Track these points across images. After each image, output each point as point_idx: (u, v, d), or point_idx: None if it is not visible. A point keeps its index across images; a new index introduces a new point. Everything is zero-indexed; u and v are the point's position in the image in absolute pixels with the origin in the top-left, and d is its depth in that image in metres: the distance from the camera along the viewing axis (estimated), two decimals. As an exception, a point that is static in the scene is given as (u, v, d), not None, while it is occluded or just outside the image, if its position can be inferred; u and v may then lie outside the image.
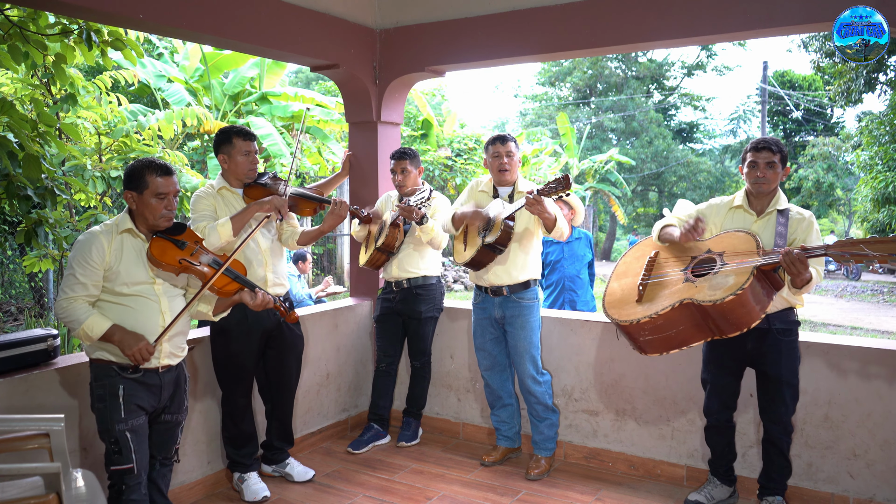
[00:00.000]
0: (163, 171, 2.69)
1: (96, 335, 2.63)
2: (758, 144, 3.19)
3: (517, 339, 3.89)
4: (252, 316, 3.49)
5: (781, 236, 3.08)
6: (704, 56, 30.22)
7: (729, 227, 3.24)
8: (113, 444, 2.67)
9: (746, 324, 2.92)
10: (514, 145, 3.87)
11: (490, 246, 3.72)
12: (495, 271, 3.85)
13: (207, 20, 3.61)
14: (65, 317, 2.63)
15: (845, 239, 2.84)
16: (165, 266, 2.71)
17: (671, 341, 3.09)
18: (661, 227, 3.36)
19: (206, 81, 11.16)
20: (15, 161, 3.72)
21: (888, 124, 14.15)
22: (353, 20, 4.47)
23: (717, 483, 3.50)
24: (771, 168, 3.16)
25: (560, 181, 3.37)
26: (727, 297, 2.84)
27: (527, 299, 3.88)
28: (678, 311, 3.01)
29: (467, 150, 16.41)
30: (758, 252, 2.95)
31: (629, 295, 3.25)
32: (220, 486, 3.76)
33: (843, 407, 3.42)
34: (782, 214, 3.17)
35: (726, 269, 2.97)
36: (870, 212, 14.85)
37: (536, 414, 3.95)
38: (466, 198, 4.04)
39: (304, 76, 24.98)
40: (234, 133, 3.47)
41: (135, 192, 2.69)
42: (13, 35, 3.87)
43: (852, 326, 12.10)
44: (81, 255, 2.64)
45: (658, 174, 28.07)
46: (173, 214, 2.76)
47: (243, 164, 3.48)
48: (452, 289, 15.07)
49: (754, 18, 3.51)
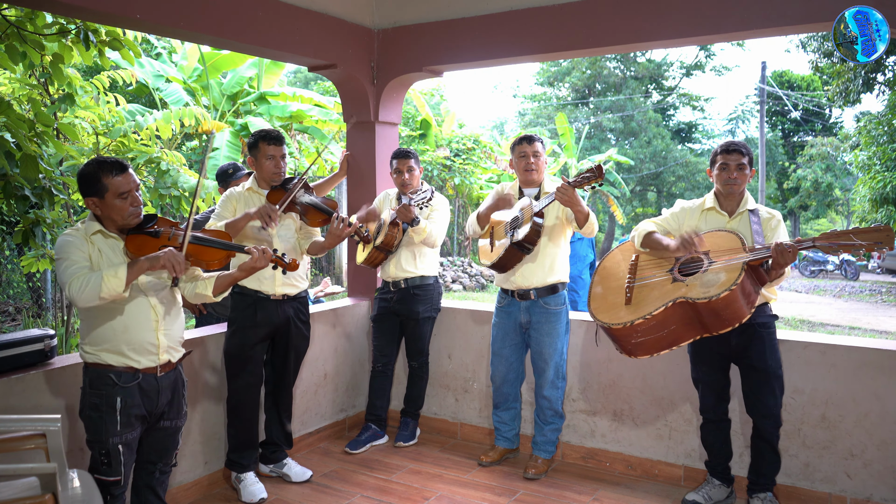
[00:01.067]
0: (118, 169, 2.58)
1: (122, 276, 2.48)
2: (728, 147, 3.29)
3: (542, 346, 3.84)
4: (263, 310, 3.61)
5: (759, 234, 3.16)
6: (703, 56, 30.24)
7: (703, 228, 3.30)
8: (103, 456, 2.61)
9: (738, 319, 2.98)
10: (541, 146, 3.84)
11: (518, 244, 3.65)
12: (522, 272, 3.80)
13: (205, 20, 3.61)
14: (82, 292, 2.47)
15: (829, 231, 2.90)
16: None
17: (662, 342, 3.13)
18: (645, 233, 3.34)
19: (204, 81, 11.15)
20: (12, 161, 3.71)
21: (886, 124, 14.17)
22: (350, 20, 4.47)
23: (716, 483, 3.50)
24: (741, 170, 3.27)
25: (593, 171, 3.30)
26: (722, 293, 2.90)
27: (554, 305, 3.83)
28: (671, 311, 3.05)
29: (466, 151, 16.42)
30: (744, 249, 3.02)
31: (616, 298, 3.27)
32: (217, 486, 3.76)
33: (840, 407, 3.42)
34: (754, 214, 3.27)
35: (715, 266, 3.02)
36: (868, 212, 14.87)
37: (545, 417, 3.94)
38: (491, 203, 4.01)
39: (302, 76, 24.98)
40: (261, 137, 3.60)
41: (95, 197, 2.58)
42: (11, 35, 3.86)
43: (850, 326, 12.12)
44: (64, 250, 2.56)
45: (657, 174, 28.08)
46: (140, 210, 2.67)
47: (267, 167, 3.59)
48: (451, 289, 15.07)
49: (752, 19, 3.52)
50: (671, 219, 3.43)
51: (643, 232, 3.36)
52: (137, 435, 2.71)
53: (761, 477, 3.37)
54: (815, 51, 15.81)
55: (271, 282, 3.61)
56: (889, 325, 12.34)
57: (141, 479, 2.85)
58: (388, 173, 4.57)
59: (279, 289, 3.64)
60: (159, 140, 8.55)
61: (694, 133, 32.56)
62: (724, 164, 3.27)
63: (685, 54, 30.63)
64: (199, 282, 2.87)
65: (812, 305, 14.22)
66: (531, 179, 3.85)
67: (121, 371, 2.64)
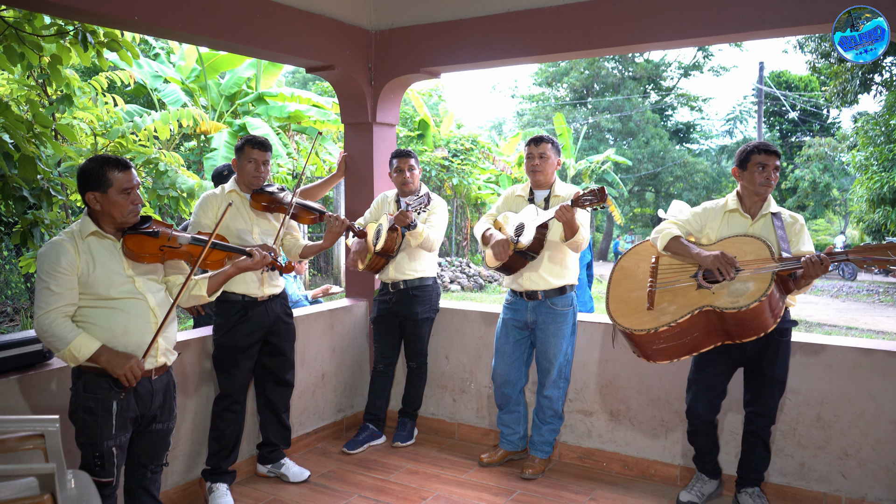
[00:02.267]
0: (122, 166, 2.59)
1: (83, 357, 2.52)
2: (767, 147, 3.20)
3: (548, 346, 3.84)
4: (253, 313, 3.59)
5: (784, 240, 3.09)
6: (701, 57, 30.27)
7: (726, 231, 3.23)
8: (97, 458, 2.62)
9: (763, 329, 2.93)
10: (551, 148, 3.83)
11: (522, 252, 3.69)
12: (529, 276, 3.81)
13: (202, 22, 3.62)
14: (46, 335, 2.49)
15: (864, 244, 2.83)
16: (148, 258, 2.64)
17: (683, 348, 3.09)
18: (671, 237, 3.25)
19: (202, 82, 11.16)
20: (10, 162, 3.72)
21: (884, 125, 14.20)
22: (348, 21, 4.48)
23: (706, 479, 3.52)
24: (776, 171, 3.20)
25: (595, 193, 3.32)
26: (752, 304, 2.84)
27: (561, 306, 3.83)
28: (696, 318, 3.00)
29: (464, 151, 16.43)
30: (772, 258, 2.95)
31: (637, 302, 3.20)
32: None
33: (835, 407, 3.44)
34: (777, 217, 3.19)
35: (744, 275, 2.95)
36: (865, 212, 14.92)
37: (543, 417, 3.95)
38: (502, 205, 4.01)
39: (300, 76, 24.97)
40: (246, 142, 3.61)
41: (98, 191, 2.57)
42: (9, 36, 3.87)
43: (847, 326, 12.14)
44: (49, 266, 2.52)
45: (655, 174, 28.11)
46: (140, 209, 2.67)
47: (248, 171, 3.59)
48: (449, 289, 15.07)
49: (750, 20, 3.52)
50: (693, 220, 3.33)
51: (668, 235, 3.26)
52: (129, 436, 2.72)
53: (751, 472, 3.39)
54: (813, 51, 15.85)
55: (258, 284, 3.61)
56: (886, 326, 12.37)
57: (134, 480, 2.86)
58: (386, 175, 4.58)
59: (267, 290, 3.65)
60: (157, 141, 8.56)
61: (692, 133, 32.58)
62: (763, 164, 3.17)
63: (683, 55, 30.68)
64: (191, 283, 2.86)
65: (809, 305, 14.24)
66: (537, 181, 3.86)
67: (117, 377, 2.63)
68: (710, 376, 3.34)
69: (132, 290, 2.64)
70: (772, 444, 3.46)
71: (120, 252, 2.65)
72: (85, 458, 2.65)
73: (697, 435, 3.44)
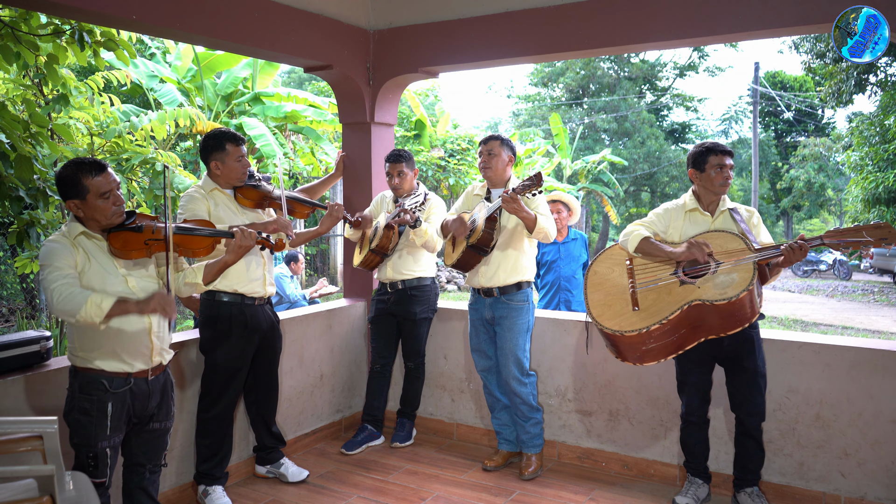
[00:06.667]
0: (97, 169, 2.54)
1: (106, 307, 2.45)
2: (723, 149, 3.33)
3: (504, 340, 3.88)
4: (251, 318, 3.52)
5: (749, 232, 3.19)
6: (696, 57, 30.36)
7: (689, 230, 3.31)
8: (90, 459, 2.61)
9: (749, 319, 3.00)
10: (500, 145, 3.83)
11: (473, 247, 3.73)
12: (483, 272, 3.85)
13: (200, 21, 3.60)
14: (64, 307, 2.45)
15: (836, 228, 2.96)
16: (134, 254, 2.62)
17: (670, 347, 3.12)
18: (641, 239, 3.29)
19: (198, 82, 11.13)
20: (7, 162, 3.70)
21: (878, 125, 14.26)
22: (346, 21, 4.47)
23: (699, 483, 3.54)
24: (731, 170, 3.34)
25: (532, 178, 3.40)
26: (740, 294, 2.91)
27: (516, 301, 3.87)
28: (685, 314, 3.04)
29: (460, 151, 16.42)
30: (749, 248, 3.04)
31: (621, 305, 3.22)
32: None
33: (834, 406, 3.44)
34: (735, 212, 3.29)
35: (725, 267, 3.02)
36: (860, 212, 14.95)
37: (522, 414, 3.95)
38: (462, 203, 4.05)
39: (296, 76, 24.95)
40: (227, 139, 3.45)
41: (76, 199, 2.54)
42: (5, 35, 3.85)
43: (843, 326, 12.18)
44: (51, 256, 2.51)
45: (650, 174, 28.18)
46: (123, 208, 2.64)
47: (237, 169, 3.48)
48: (446, 289, 15.08)
49: (746, 20, 3.53)
50: (658, 221, 3.41)
51: (638, 236, 3.31)
52: (123, 436, 2.72)
53: (748, 473, 3.41)
54: (808, 52, 15.91)
55: (261, 282, 3.53)
56: (881, 325, 12.41)
57: (132, 480, 2.85)
58: (384, 174, 4.57)
59: (269, 288, 3.59)
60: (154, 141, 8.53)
61: (687, 133, 32.67)
62: (720, 164, 3.29)
63: (679, 55, 30.76)
64: (188, 271, 2.84)
65: (805, 305, 14.29)
66: (489, 178, 3.88)
67: (113, 376, 2.63)
68: (695, 374, 3.41)
69: (126, 290, 2.63)
70: (765, 441, 3.47)
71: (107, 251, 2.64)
72: (79, 459, 2.65)
73: (693, 430, 3.47)
